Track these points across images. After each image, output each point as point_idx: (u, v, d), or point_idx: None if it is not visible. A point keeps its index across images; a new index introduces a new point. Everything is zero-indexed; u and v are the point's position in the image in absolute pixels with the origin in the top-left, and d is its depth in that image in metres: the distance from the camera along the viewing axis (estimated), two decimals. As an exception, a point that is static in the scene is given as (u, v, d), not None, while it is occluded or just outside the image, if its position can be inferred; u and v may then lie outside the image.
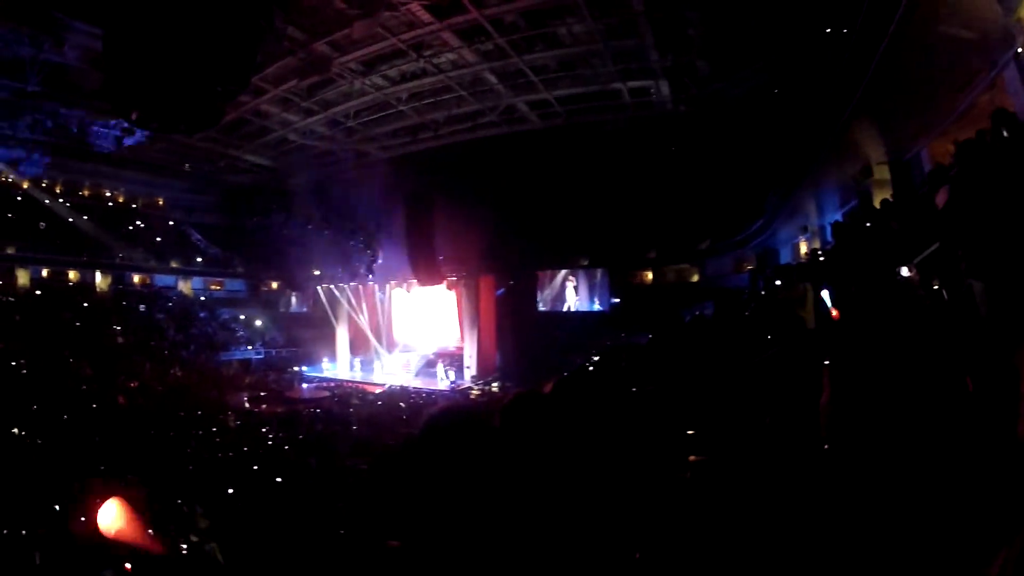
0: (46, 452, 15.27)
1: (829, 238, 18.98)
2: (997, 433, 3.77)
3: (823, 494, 3.67)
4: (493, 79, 28.63)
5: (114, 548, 7.53)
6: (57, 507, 10.33)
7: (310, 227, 40.40)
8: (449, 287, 39.31)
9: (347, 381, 39.00)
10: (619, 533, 3.46)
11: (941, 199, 9.66)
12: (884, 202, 14.29)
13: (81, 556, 7.80)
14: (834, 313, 12.95)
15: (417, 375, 39.53)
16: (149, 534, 7.71)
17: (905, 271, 9.78)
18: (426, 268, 36.73)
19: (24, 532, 9.09)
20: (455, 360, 39.56)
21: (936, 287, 8.32)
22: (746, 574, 3.34)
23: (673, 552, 3.57)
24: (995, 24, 10.69)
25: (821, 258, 17.01)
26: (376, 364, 41.68)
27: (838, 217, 19.27)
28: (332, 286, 43.95)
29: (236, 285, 49.00)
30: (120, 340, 34.53)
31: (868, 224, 13.78)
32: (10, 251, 36.21)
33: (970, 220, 8.34)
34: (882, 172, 17.07)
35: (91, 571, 7.58)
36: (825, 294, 12.96)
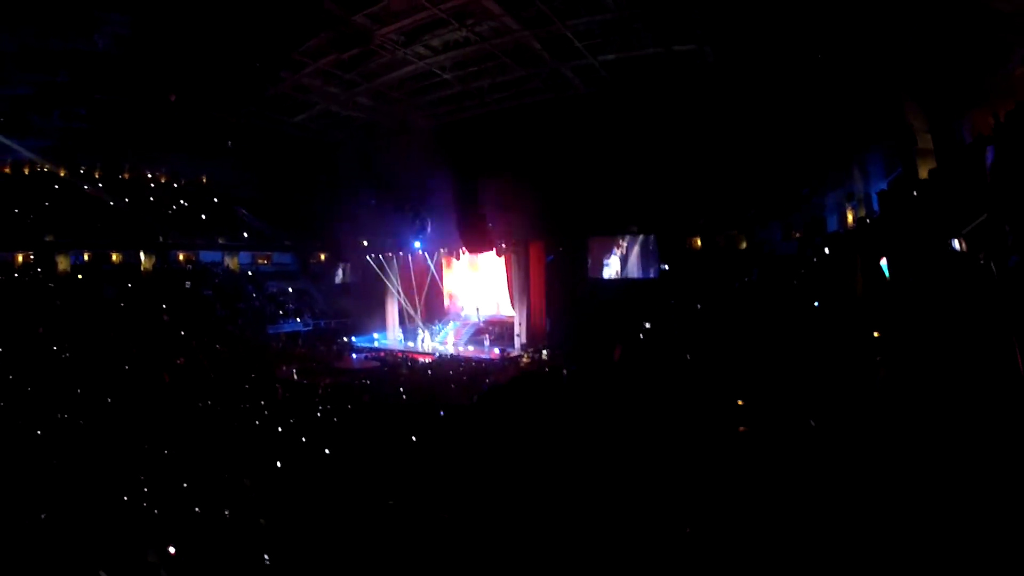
0: (89, 435, 15.58)
1: (875, 206, 18.62)
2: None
3: (874, 469, 3.61)
4: (537, 45, 28.27)
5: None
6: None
7: (357, 198, 40.48)
8: (499, 254, 39.24)
9: (397, 350, 39.17)
10: (671, 502, 3.46)
11: (989, 160, 9.39)
12: (932, 172, 13.98)
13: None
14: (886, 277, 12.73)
15: (468, 343, 39.60)
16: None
17: (957, 244, 9.56)
18: (475, 236, 36.70)
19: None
20: (505, 328, 39.59)
21: (983, 260, 8.11)
22: (789, 548, 3.31)
23: (721, 525, 3.55)
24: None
25: (868, 226, 16.73)
26: (426, 333, 41.75)
27: (883, 185, 18.86)
28: (381, 256, 44.03)
29: (284, 258, 49.48)
30: (166, 318, 35.03)
31: (915, 193, 13.51)
32: (48, 239, 36.86)
33: (1015, 193, 8.10)
34: (925, 141, 16.68)
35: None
36: (883, 263, 12.74)
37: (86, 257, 38.81)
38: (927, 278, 9.78)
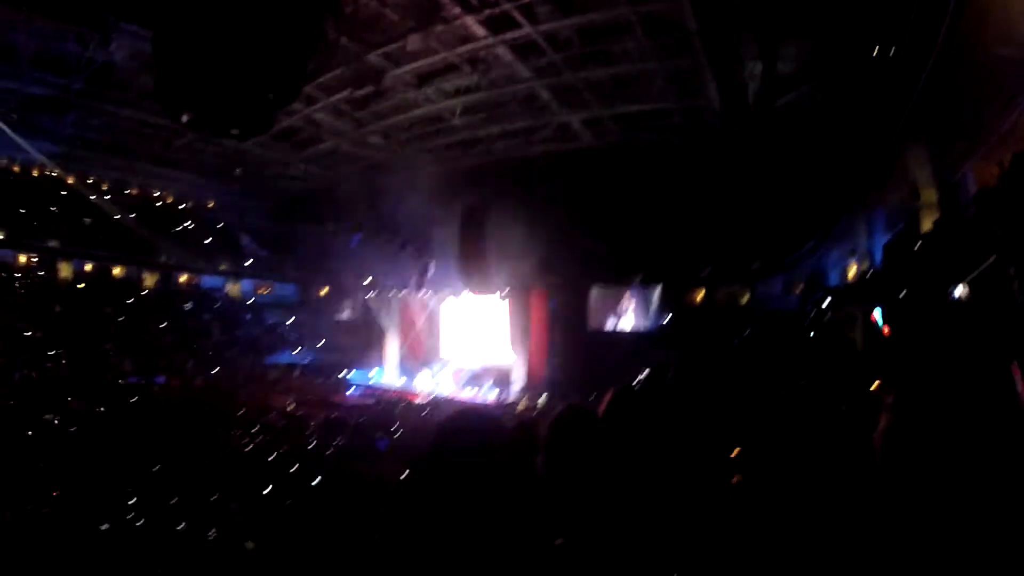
0: (80, 442, 15.56)
1: (878, 261, 18.66)
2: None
3: (874, 519, 3.58)
4: (547, 95, 28.63)
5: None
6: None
7: (362, 235, 40.50)
8: (501, 299, 39.16)
9: (393, 389, 39.09)
10: (659, 556, 3.39)
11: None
12: (936, 222, 14.07)
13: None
14: (885, 330, 12.75)
15: (464, 386, 39.41)
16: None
17: (959, 290, 9.62)
18: (478, 280, 36.69)
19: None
20: (503, 373, 39.36)
21: (987, 306, 8.17)
22: None
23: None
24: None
25: (870, 279, 16.78)
26: (423, 374, 41.68)
27: (886, 240, 18.92)
28: (382, 294, 44.30)
29: (285, 290, 49.69)
30: (164, 337, 35.00)
31: (919, 244, 13.58)
32: (52, 244, 36.85)
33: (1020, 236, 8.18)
34: (929, 195, 16.73)
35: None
36: (877, 312, 12.77)
37: (88, 267, 38.84)
38: (926, 324, 9.82)
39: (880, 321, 12.93)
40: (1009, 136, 12.58)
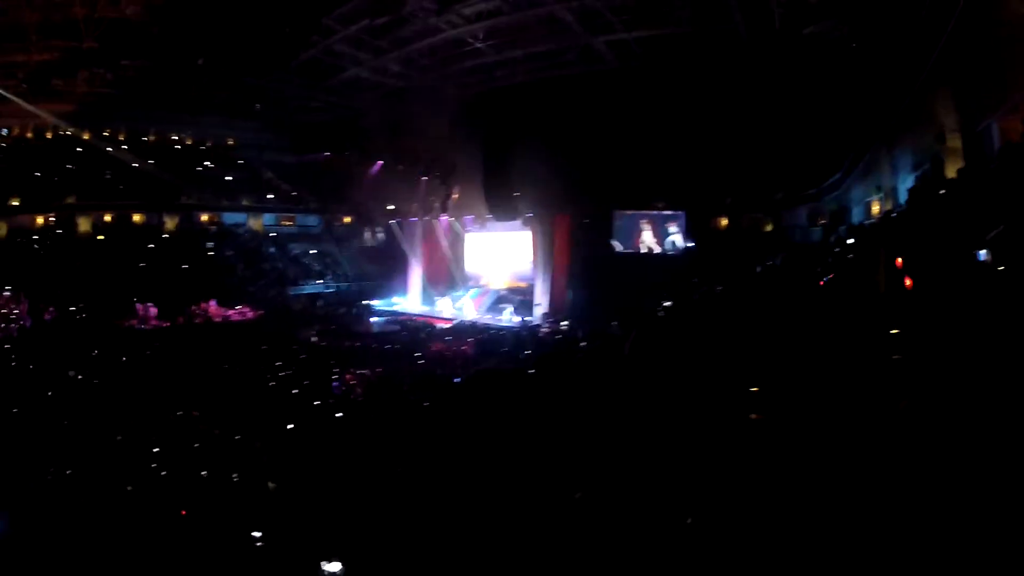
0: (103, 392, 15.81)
1: (901, 200, 18.48)
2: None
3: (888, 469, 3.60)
4: (570, 17, 28.09)
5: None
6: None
7: (384, 163, 40.46)
8: (524, 224, 39.13)
9: (417, 315, 39.34)
10: (672, 491, 3.43)
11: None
12: (960, 171, 13.83)
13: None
14: (907, 282, 12.63)
15: (487, 311, 39.62)
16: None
17: (983, 254, 9.47)
18: (501, 205, 36.66)
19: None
20: (526, 297, 39.49)
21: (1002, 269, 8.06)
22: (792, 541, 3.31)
23: (723, 516, 3.54)
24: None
25: (894, 219, 16.60)
26: (447, 299, 41.81)
27: (911, 179, 18.72)
28: (406, 221, 44.24)
29: (308, 220, 49.44)
30: (187, 279, 35.28)
31: (942, 192, 13.40)
32: (69, 200, 37.03)
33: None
34: (954, 141, 16.48)
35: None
36: (900, 258, 12.64)
37: (107, 218, 38.98)
38: (949, 285, 9.73)
39: (903, 267, 12.81)
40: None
